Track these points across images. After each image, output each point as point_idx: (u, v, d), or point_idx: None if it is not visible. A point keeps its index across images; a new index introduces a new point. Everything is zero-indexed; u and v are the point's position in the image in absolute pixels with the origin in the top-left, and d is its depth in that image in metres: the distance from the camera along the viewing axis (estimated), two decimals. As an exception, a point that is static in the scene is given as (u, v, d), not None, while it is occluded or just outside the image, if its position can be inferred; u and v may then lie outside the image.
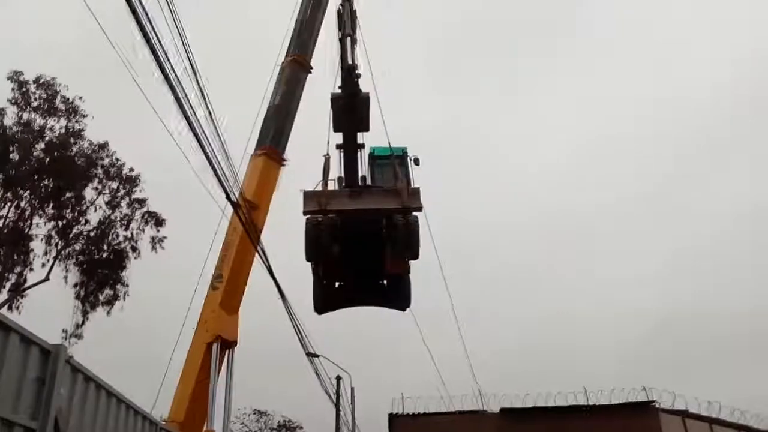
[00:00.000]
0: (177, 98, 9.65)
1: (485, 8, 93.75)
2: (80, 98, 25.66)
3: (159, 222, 26.68)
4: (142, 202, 26.44)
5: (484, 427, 22.77)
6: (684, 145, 79.54)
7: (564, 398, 22.59)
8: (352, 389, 25.84)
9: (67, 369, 6.76)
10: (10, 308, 24.08)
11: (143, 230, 26.44)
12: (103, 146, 26.15)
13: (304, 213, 13.25)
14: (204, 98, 10.73)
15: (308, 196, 13.05)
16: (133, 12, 7.41)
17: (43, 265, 24.44)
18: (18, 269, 24.38)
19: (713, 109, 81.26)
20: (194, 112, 9.81)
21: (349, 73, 11.93)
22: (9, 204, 23.92)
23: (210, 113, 10.95)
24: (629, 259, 71.62)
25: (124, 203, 26.50)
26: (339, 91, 12.63)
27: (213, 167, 11.26)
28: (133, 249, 26.00)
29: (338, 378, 24.54)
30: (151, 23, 7.78)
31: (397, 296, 16.26)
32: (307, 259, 14.71)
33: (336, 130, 13.70)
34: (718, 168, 78.72)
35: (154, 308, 31.04)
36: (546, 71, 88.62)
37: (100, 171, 26.04)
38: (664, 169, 77.47)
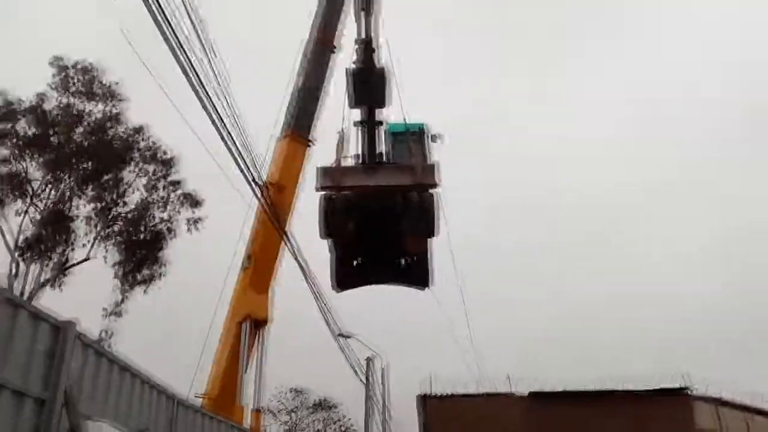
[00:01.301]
0: (192, 84, 9.81)
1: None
2: (116, 83, 26.20)
3: (195, 203, 27.15)
4: (177, 183, 26.95)
5: (513, 410, 22.73)
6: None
7: (596, 383, 22.29)
8: (383, 370, 26.02)
9: (78, 344, 7.04)
10: (53, 286, 25.02)
11: (179, 211, 27.01)
12: (139, 130, 26.69)
13: (317, 189, 13.40)
14: (221, 84, 10.88)
15: (322, 172, 13.19)
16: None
17: (84, 245, 25.21)
18: (60, 249, 25.21)
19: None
20: (207, 97, 9.96)
21: (364, 47, 11.90)
22: (50, 186, 24.73)
23: (227, 99, 11.10)
24: (672, 242, 69.96)
25: (160, 185, 27.08)
26: (355, 66, 12.64)
27: (230, 150, 11.44)
28: (169, 230, 26.59)
29: (368, 359, 24.76)
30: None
31: (416, 275, 16.28)
32: (322, 236, 14.88)
33: (353, 105, 13.67)
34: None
35: (192, 288, 31.78)
36: (587, 51, 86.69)
37: (137, 154, 26.63)
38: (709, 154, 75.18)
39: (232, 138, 11.42)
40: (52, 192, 24.85)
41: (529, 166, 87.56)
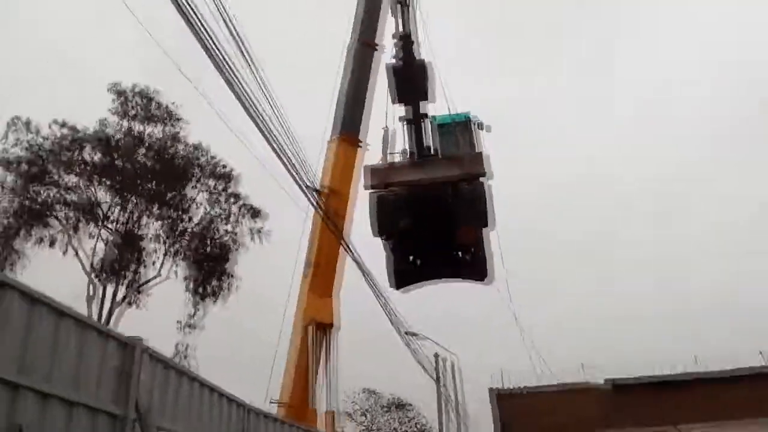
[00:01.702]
0: (238, 96, 9.94)
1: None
2: (173, 103, 27.06)
3: (256, 214, 27.79)
4: (237, 196, 27.62)
5: (593, 402, 21.84)
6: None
7: (672, 368, 21.27)
8: (453, 366, 25.86)
9: (147, 359, 7.22)
10: (130, 304, 26.11)
11: (242, 223, 27.69)
12: (198, 147, 27.51)
13: (366, 187, 13.34)
14: (267, 92, 10.99)
15: (370, 170, 13.13)
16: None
17: (154, 262, 26.16)
18: (133, 267, 26.24)
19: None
20: (253, 108, 10.08)
21: (403, 42, 11.82)
22: (119, 208, 25.78)
23: (273, 105, 11.21)
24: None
25: (222, 198, 27.85)
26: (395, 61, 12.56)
27: (281, 159, 11.55)
28: (234, 242, 27.32)
29: (437, 356, 24.65)
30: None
31: (474, 268, 15.95)
32: (375, 234, 14.80)
33: (396, 101, 13.57)
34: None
35: (262, 297, 32.43)
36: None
37: (197, 170, 27.46)
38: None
39: (282, 148, 11.51)
40: (121, 214, 25.89)
41: (569, 151, 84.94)
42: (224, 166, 27.50)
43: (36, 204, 24.64)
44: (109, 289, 25.20)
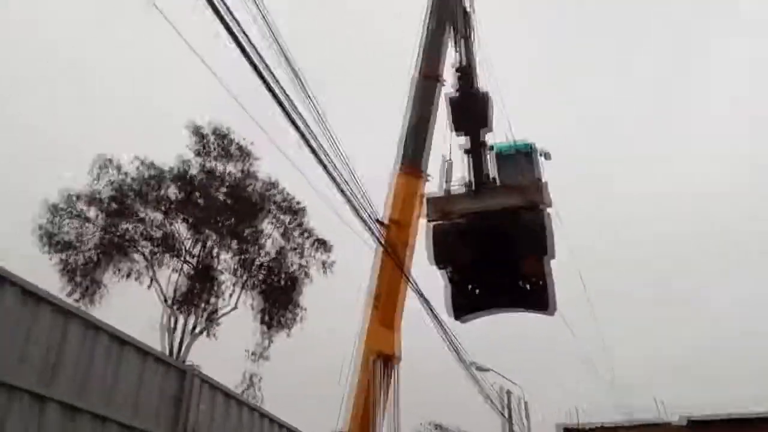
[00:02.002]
0: (302, 135, 10.38)
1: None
2: (251, 143, 28.35)
3: (327, 248, 28.47)
4: (309, 231, 28.41)
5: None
6: None
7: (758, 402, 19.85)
8: (526, 403, 25.21)
9: (203, 386, 7.59)
10: (208, 335, 27.16)
11: (314, 256, 28.43)
12: (273, 184, 28.60)
13: (429, 220, 13.37)
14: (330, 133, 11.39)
15: (432, 202, 13.17)
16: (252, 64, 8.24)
17: (230, 295, 27.19)
18: (211, 300, 27.35)
19: None
20: (317, 144, 10.48)
21: (462, 73, 11.94)
22: (198, 243, 27.06)
23: (335, 143, 11.60)
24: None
25: (296, 233, 28.73)
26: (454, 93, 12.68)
27: (345, 195, 11.87)
28: (306, 275, 28.05)
29: (508, 392, 24.10)
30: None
31: (537, 298, 15.52)
32: (434, 263, 14.69)
33: (456, 131, 13.58)
34: None
35: (330, 329, 32.91)
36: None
37: (273, 206, 28.52)
38: None
39: (347, 184, 11.81)
40: (200, 248, 27.15)
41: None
42: (298, 202, 28.39)
43: (121, 239, 26.23)
44: (185, 319, 26.29)
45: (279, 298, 27.71)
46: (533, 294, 15.40)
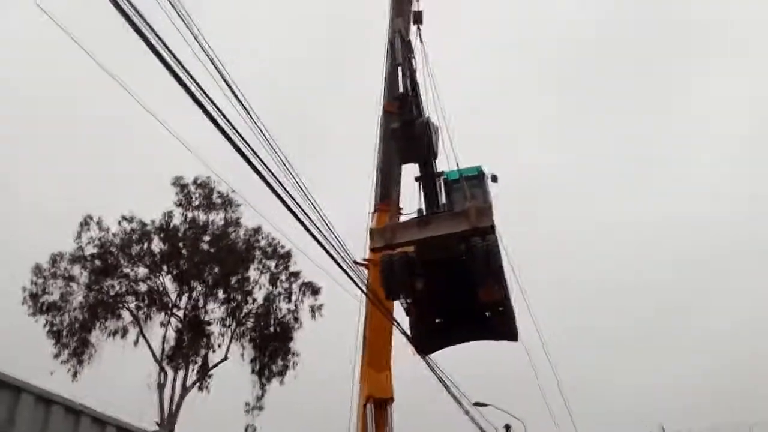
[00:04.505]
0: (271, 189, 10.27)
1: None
2: (233, 191, 28.28)
3: (315, 291, 28.22)
4: (297, 274, 28.22)
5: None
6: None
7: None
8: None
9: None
10: (200, 389, 26.70)
11: (302, 301, 28.16)
12: (257, 230, 28.51)
13: (372, 250, 12.76)
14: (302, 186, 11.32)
15: (374, 232, 12.54)
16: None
17: (219, 345, 26.84)
18: (201, 352, 26.97)
19: None
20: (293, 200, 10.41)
21: (401, 102, 11.56)
22: (185, 295, 26.81)
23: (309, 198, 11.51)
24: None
25: (282, 277, 28.51)
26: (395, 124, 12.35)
27: (319, 242, 11.71)
28: (296, 319, 27.77)
29: (507, 427, 23.67)
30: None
31: (503, 326, 15.00)
32: (387, 298, 14.10)
33: (404, 161, 13.15)
34: None
35: (323, 374, 32.42)
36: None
37: (258, 252, 28.36)
38: None
39: (323, 232, 11.66)
40: (188, 301, 26.89)
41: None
42: (282, 247, 28.25)
43: (108, 297, 25.97)
44: (177, 374, 25.87)
45: (270, 347, 27.36)
46: (499, 323, 14.83)
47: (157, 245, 26.94)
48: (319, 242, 12.15)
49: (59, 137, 53.81)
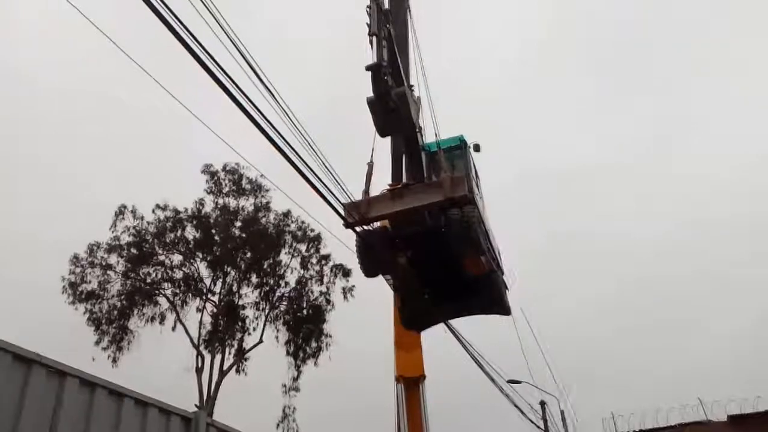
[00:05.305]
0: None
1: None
2: (262, 175, 28.51)
3: (346, 273, 28.37)
4: (327, 257, 28.42)
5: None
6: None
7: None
8: (562, 412, 24.66)
9: (212, 430, 7.55)
10: (238, 371, 27.21)
11: (334, 283, 28.37)
12: (287, 214, 28.74)
13: (344, 226, 12.30)
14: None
15: (346, 207, 12.06)
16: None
17: (254, 329, 27.26)
18: (238, 335, 27.45)
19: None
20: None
21: (373, 72, 11.07)
22: (219, 280, 27.26)
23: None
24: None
25: (314, 260, 28.76)
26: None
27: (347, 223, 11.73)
28: (328, 301, 27.98)
29: (542, 403, 23.63)
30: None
31: (492, 299, 14.54)
32: (366, 275, 13.66)
33: (383, 134, 12.65)
34: None
35: (359, 354, 32.71)
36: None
37: (288, 236, 28.62)
38: None
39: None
40: (221, 285, 27.35)
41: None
42: (312, 230, 28.42)
43: (144, 284, 26.53)
44: (214, 357, 26.35)
45: (304, 329, 27.68)
46: (489, 296, 14.36)
47: (190, 232, 27.40)
48: (346, 222, 12.11)
49: (92, 134, 54.76)
